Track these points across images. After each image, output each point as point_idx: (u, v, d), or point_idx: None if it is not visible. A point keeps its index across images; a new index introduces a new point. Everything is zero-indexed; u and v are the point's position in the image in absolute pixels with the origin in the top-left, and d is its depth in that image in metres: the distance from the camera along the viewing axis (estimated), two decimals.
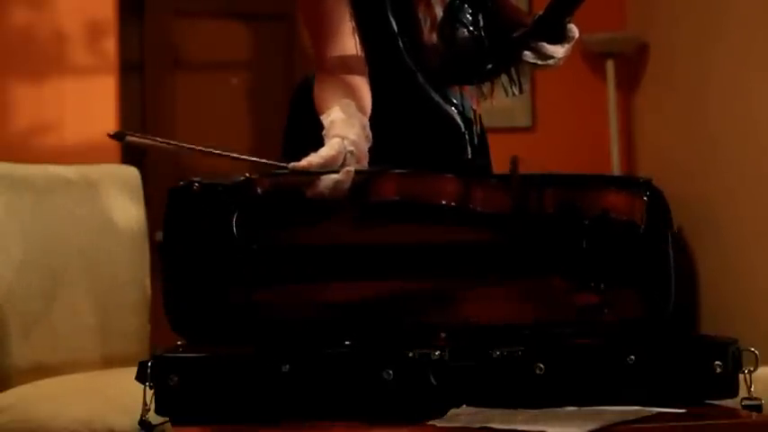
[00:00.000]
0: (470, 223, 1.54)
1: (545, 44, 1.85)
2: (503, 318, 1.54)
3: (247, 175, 1.50)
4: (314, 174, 1.49)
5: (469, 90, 2.01)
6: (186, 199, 1.52)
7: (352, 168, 1.51)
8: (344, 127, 1.60)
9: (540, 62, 1.89)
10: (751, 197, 3.57)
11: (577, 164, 4.05)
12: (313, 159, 1.50)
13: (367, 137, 1.63)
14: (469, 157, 1.94)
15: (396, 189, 1.49)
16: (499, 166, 2.16)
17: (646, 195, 1.56)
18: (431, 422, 1.35)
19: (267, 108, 4.28)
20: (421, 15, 1.90)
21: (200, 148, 1.52)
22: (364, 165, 1.58)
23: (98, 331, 2.64)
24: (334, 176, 1.49)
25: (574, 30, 1.86)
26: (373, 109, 1.73)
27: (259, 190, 1.48)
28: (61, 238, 2.65)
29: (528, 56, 1.88)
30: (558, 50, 1.86)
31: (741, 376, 1.47)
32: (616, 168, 4.15)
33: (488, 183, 1.53)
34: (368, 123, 1.66)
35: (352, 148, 1.56)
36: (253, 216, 1.51)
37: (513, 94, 2.02)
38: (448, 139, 1.92)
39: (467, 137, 1.95)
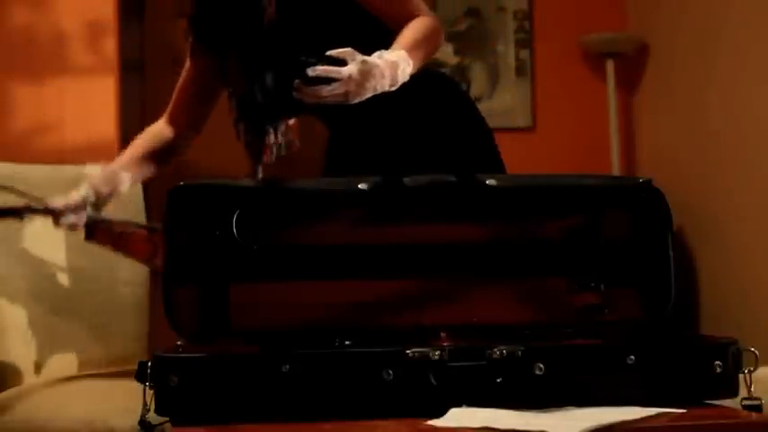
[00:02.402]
0: (470, 223, 1.55)
1: (306, 86, 1.82)
2: (503, 318, 1.54)
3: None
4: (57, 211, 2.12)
5: None
6: (186, 199, 1.52)
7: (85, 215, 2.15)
8: (95, 179, 2.21)
9: (306, 99, 1.84)
10: (751, 197, 3.57)
11: (577, 164, 4.06)
12: (59, 201, 2.16)
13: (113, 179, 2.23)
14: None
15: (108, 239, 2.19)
16: None
17: (646, 195, 1.56)
18: (431, 422, 1.35)
19: None
20: None
21: None
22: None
23: (98, 331, 2.64)
24: (72, 218, 2.15)
25: (336, 70, 1.81)
26: None
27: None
28: (61, 237, 2.65)
29: (296, 94, 1.85)
30: (321, 90, 1.82)
31: (741, 376, 1.47)
32: (616, 168, 4.15)
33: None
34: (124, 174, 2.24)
35: (93, 198, 2.18)
36: (253, 216, 1.51)
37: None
38: None
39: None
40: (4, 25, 3.77)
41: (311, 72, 1.81)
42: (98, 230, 2.20)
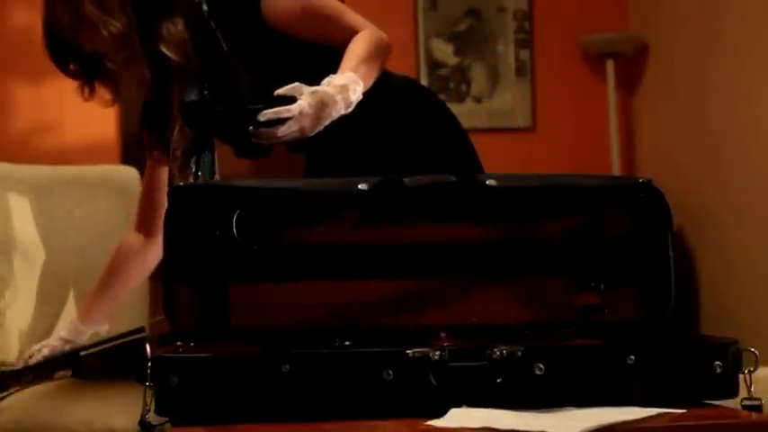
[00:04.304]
0: (470, 223, 1.55)
1: (258, 129, 1.85)
2: (503, 318, 1.54)
3: None
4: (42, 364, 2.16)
5: None
6: (186, 199, 1.51)
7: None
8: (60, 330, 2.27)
9: (265, 142, 1.88)
10: (751, 197, 3.57)
11: (577, 164, 4.06)
12: (36, 357, 2.19)
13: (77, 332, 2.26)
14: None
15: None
16: (500, 167, 2.17)
17: (646, 195, 1.56)
18: (431, 422, 1.35)
19: None
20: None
21: None
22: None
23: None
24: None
25: (286, 110, 1.84)
26: None
27: None
28: (61, 238, 2.65)
29: (254, 140, 1.88)
30: (277, 130, 1.85)
31: (741, 376, 1.47)
32: (616, 168, 4.15)
33: None
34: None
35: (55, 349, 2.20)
36: (253, 216, 1.51)
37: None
38: None
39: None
40: (4, 25, 3.76)
41: (262, 117, 1.82)
42: (86, 360, 2.11)
